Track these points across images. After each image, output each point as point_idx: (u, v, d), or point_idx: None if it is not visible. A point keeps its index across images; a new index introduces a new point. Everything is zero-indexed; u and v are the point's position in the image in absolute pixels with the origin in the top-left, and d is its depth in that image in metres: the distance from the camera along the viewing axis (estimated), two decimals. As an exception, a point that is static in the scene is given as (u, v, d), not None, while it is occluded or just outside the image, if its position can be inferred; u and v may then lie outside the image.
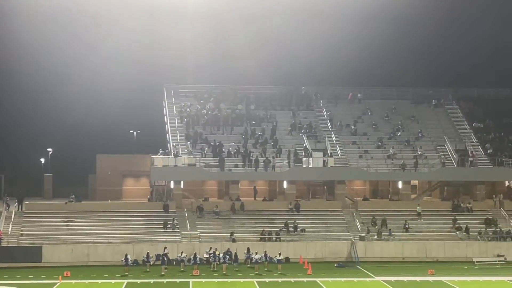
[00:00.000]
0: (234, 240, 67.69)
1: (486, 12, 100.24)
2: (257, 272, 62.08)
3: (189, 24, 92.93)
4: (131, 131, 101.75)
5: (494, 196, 76.66)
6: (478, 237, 70.53)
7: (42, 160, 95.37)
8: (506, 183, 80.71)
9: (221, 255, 64.16)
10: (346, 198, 76.38)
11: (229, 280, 59.56)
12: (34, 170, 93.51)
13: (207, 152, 75.90)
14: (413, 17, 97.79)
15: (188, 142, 76.96)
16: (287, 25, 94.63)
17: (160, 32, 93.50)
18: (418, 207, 73.73)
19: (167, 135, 79.83)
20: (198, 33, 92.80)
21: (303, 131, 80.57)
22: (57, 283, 57.94)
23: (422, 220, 72.90)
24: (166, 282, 58.75)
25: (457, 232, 71.09)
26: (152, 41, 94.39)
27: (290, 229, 70.14)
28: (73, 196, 73.98)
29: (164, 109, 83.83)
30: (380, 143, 79.84)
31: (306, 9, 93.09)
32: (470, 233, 70.81)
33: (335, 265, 65.98)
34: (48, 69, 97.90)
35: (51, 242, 66.28)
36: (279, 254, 64.59)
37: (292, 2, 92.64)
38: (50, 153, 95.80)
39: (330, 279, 59.80)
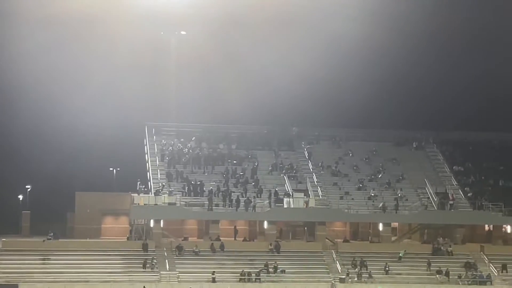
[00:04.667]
0: (214, 280, 67.00)
1: (467, 58, 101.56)
2: (236, 314, 61.43)
3: (172, 62, 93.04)
4: (111, 168, 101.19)
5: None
6: (459, 281, 70.35)
7: (20, 197, 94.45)
8: (486, 227, 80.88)
9: (200, 296, 63.47)
10: (327, 240, 76.10)
11: (208, 321, 58.88)
12: (12, 207, 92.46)
13: (187, 191, 75.48)
14: (395, 61, 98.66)
15: (169, 182, 76.54)
16: (269, 65, 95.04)
17: (142, 70, 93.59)
18: (402, 251, 73.31)
19: (148, 173, 79.39)
20: (180, 72, 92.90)
21: (284, 171, 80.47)
22: (33, 322, 56.93)
23: (402, 264, 72.48)
24: (144, 322, 57.95)
25: (437, 276, 70.87)
26: (134, 78, 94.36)
27: (270, 270, 69.60)
28: (51, 234, 73.10)
29: (145, 147, 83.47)
30: (361, 185, 79.88)
31: (289, 49, 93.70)
32: (450, 277, 70.63)
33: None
34: (28, 106, 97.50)
35: (27, 280, 65.32)
36: (259, 295, 64.01)
37: (275, 42, 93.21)
38: (28, 190, 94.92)
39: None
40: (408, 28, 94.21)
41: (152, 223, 73.83)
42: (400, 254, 73.05)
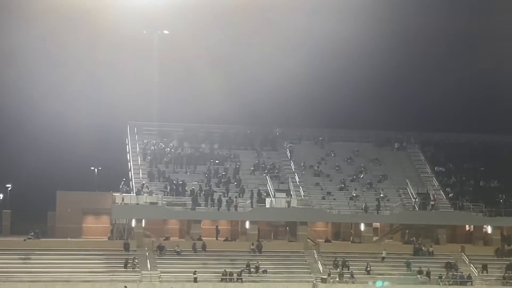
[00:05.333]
0: (195, 280, 66.86)
1: (447, 58, 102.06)
2: (218, 314, 61.37)
3: (154, 61, 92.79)
4: (92, 168, 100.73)
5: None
6: (439, 281, 70.66)
7: (1, 196, 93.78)
8: (467, 227, 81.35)
9: (181, 295, 63.31)
10: (308, 240, 76.15)
11: (189, 321, 58.76)
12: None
13: (169, 190, 75.29)
14: (376, 60, 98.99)
15: (151, 182, 76.30)
16: (252, 65, 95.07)
17: (124, 69, 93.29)
18: (384, 251, 73.62)
19: (130, 172, 79.11)
20: (163, 71, 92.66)
21: (266, 171, 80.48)
22: (13, 322, 56.59)
23: (383, 264, 72.78)
24: (125, 322, 57.72)
25: (418, 276, 71.13)
26: (116, 77, 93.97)
27: (252, 270, 69.56)
28: (32, 233, 72.64)
29: (127, 146, 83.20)
30: (343, 185, 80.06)
31: (273, 50, 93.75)
32: (431, 277, 70.91)
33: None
34: (9, 105, 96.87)
35: (7, 280, 64.83)
36: (240, 295, 63.95)
37: (258, 42, 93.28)
38: (9, 189, 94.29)
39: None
40: (391, 29, 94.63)
41: (133, 223, 73.59)
42: (383, 255, 73.26)
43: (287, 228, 78.07)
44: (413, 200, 78.28)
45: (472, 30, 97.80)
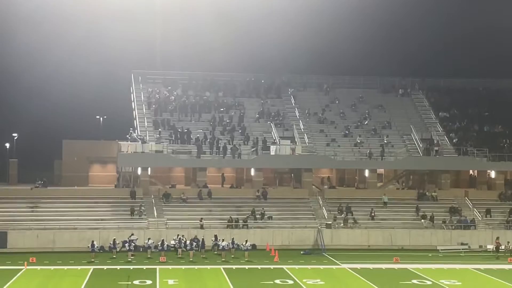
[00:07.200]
0: (202, 227, 67.68)
1: (452, 3, 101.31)
2: (224, 259, 62.19)
3: (158, 9, 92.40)
4: (98, 116, 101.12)
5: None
6: (443, 225, 71.36)
7: (7, 145, 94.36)
8: (471, 172, 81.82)
9: (188, 241, 64.13)
10: (313, 186, 76.71)
11: (196, 267, 59.59)
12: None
13: (174, 138, 75.67)
14: (380, 6, 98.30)
15: (156, 130, 76.62)
16: (256, 12, 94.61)
17: (128, 17, 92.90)
18: (384, 196, 74.25)
19: (135, 121, 79.42)
20: (167, 19, 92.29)
21: (271, 118, 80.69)
22: (23, 269, 57.52)
23: (387, 209, 73.43)
24: (133, 268, 58.57)
25: (422, 221, 71.81)
26: (120, 26, 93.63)
27: (257, 216, 70.31)
28: (40, 182, 73.36)
29: (132, 95, 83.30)
30: (347, 132, 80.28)
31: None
32: (435, 222, 71.60)
33: (302, 252, 66.29)
34: (14, 54, 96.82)
35: (16, 228, 65.72)
36: (246, 241, 64.73)
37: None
38: (15, 138, 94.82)
39: (296, 267, 60.05)
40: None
41: (139, 171, 74.13)
42: (384, 200, 73.83)
43: (292, 175, 78.59)
44: (417, 145, 78.50)
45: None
